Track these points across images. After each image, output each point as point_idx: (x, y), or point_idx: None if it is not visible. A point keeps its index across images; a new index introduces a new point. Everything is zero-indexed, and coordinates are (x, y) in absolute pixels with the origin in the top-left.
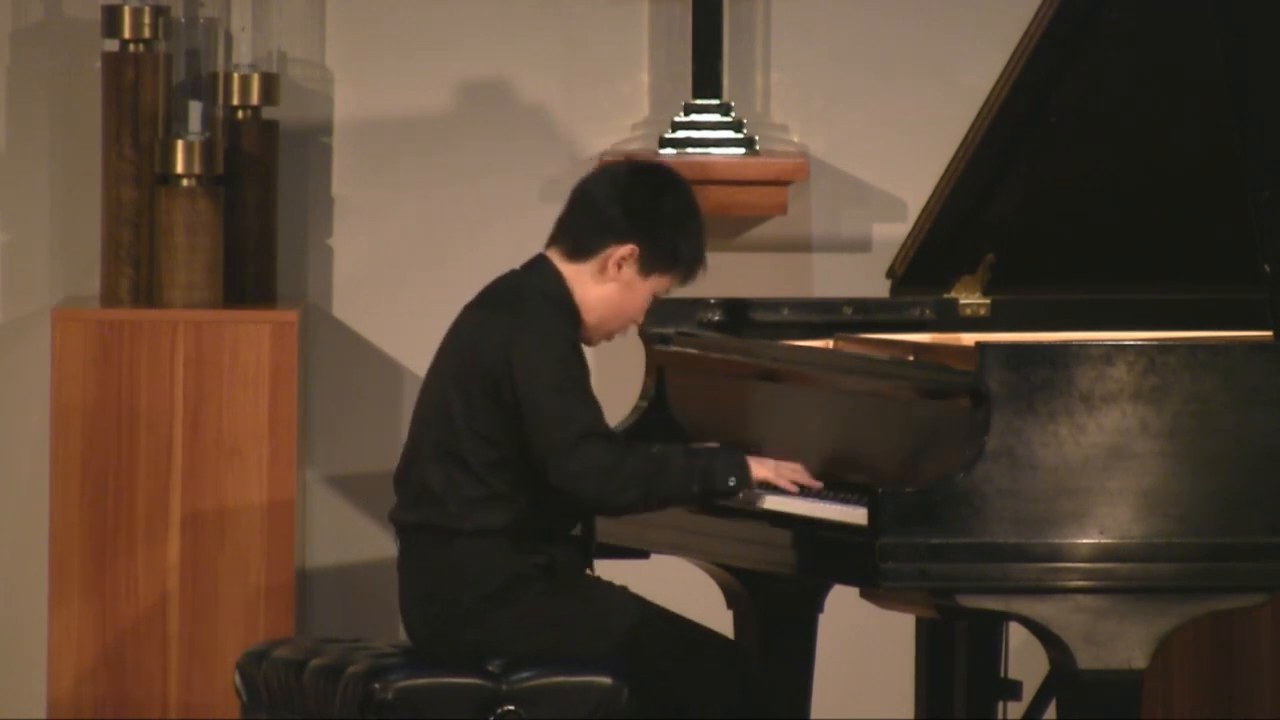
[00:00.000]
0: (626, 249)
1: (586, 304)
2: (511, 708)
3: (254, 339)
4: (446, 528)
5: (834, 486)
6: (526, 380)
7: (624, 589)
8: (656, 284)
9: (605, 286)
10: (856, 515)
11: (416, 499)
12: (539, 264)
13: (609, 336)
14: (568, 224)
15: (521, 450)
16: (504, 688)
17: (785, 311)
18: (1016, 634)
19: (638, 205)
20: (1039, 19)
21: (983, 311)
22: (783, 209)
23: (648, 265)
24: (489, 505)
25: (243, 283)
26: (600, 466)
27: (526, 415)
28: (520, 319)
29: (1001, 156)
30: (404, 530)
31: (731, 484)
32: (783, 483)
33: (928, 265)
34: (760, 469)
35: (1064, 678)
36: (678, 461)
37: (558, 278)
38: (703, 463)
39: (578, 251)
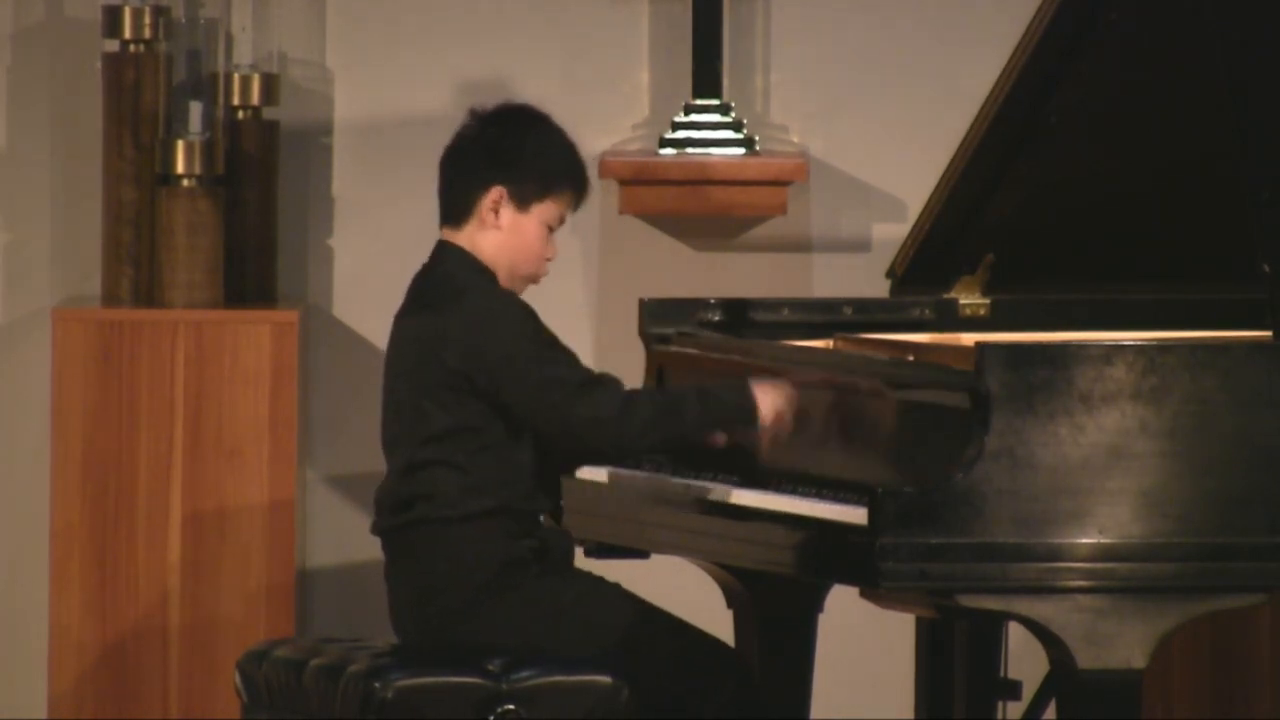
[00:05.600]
0: (495, 192)
1: (489, 261)
2: (511, 707)
3: (254, 339)
4: (437, 518)
5: (834, 486)
6: (501, 367)
7: (617, 585)
8: (543, 213)
9: (491, 234)
10: (856, 515)
11: (405, 506)
12: (441, 250)
13: (533, 280)
14: (443, 195)
15: (504, 434)
16: (504, 687)
17: (785, 311)
18: (1016, 634)
19: (489, 146)
20: (1038, 19)
21: (983, 311)
22: (783, 209)
23: (521, 197)
24: (475, 493)
25: (243, 283)
26: (609, 412)
27: (516, 400)
28: (464, 310)
29: (1001, 157)
30: (391, 534)
31: (738, 423)
32: (767, 436)
33: (928, 265)
34: (766, 405)
35: (1064, 677)
36: (692, 399)
37: (461, 252)
38: (714, 399)
39: (458, 217)
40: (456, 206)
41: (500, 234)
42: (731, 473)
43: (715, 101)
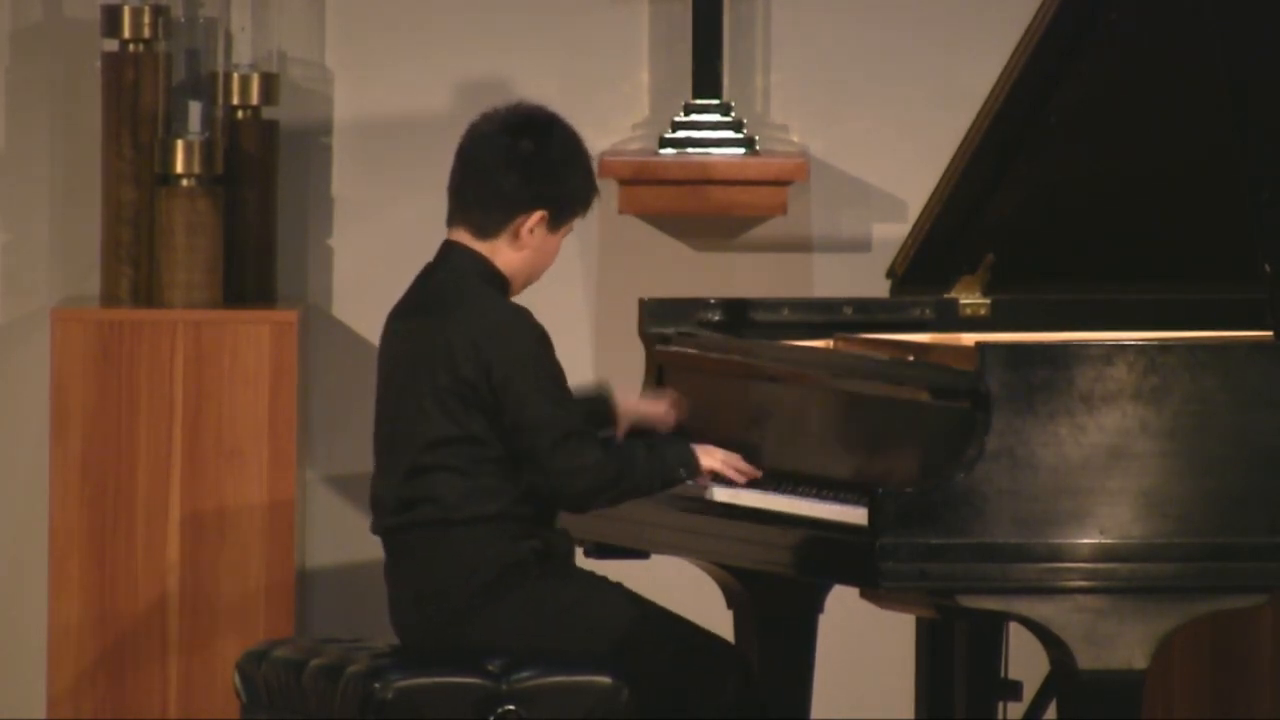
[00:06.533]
0: (535, 217)
1: (508, 273)
2: (511, 707)
3: (254, 339)
4: (440, 519)
5: (834, 486)
6: (506, 382)
7: (619, 585)
8: (566, 231)
9: (521, 253)
10: (856, 515)
11: (407, 507)
12: (457, 252)
13: (529, 284)
14: (465, 202)
15: (505, 443)
16: (503, 687)
17: (785, 311)
18: (1016, 634)
19: (530, 168)
20: (1039, 19)
21: (983, 311)
22: (783, 209)
23: (557, 221)
24: (479, 496)
25: (243, 283)
26: (587, 465)
27: (510, 416)
28: (481, 321)
29: (1001, 156)
30: (393, 533)
31: (682, 474)
32: (728, 472)
33: (928, 265)
34: (707, 458)
35: (1064, 678)
36: (642, 457)
37: (474, 256)
38: (659, 455)
39: (485, 232)
40: (488, 223)
41: (529, 252)
42: None
43: (715, 101)
